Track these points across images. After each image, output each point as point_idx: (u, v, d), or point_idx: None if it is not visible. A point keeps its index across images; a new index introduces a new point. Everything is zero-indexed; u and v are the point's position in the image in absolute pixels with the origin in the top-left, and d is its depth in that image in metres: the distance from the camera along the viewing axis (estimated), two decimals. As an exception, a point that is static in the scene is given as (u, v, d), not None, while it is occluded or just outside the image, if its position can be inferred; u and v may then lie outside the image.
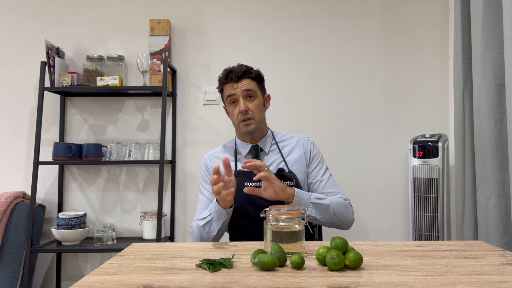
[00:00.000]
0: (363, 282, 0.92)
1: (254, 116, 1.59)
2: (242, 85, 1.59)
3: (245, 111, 1.57)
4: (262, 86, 1.67)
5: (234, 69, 1.62)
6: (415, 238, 2.19)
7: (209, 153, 1.75)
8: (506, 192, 1.76)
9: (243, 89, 1.58)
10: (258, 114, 1.61)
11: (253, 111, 1.59)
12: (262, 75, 1.67)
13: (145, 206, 2.47)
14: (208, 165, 1.70)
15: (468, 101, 2.01)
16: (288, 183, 1.56)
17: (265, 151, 1.66)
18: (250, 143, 1.66)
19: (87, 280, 0.95)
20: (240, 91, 1.58)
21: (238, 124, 1.61)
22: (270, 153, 1.66)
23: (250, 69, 1.62)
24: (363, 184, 2.42)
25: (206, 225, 1.49)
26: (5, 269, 2.19)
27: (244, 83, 1.59)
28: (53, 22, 2.50)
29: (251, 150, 1.65)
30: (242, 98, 1.58)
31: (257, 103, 1.61)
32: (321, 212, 1.48)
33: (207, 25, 2.49)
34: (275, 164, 1.63)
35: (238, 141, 1.70)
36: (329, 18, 2.47)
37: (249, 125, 1.59)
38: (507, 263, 1.06)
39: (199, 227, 1.51)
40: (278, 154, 1.65)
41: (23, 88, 2.49)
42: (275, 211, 1.15)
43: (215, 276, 0.97)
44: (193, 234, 1.56)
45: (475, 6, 1.89)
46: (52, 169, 2.47)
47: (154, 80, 2.32)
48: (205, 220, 1.49)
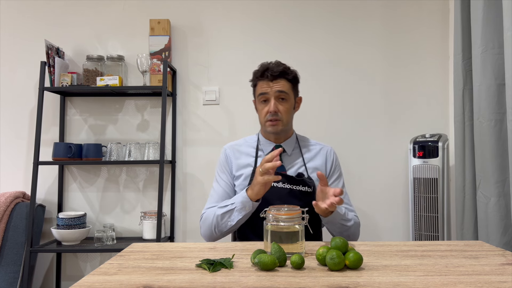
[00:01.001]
0: (363, 282, 0.92)
1: (282, 118, 1.58)
2: (277, 86, 1.57)
3: (274, 112, 1.56)
4: (296, 88, 1.66)
5: (271, 67, 1.58)
6: (415, 238, 2.19)
7: (229, 144, 1.73)
8: (506, 192, 1.76)
9: (277, 90, 1.56)
10: (287, 117, 1.60)
11: (282, 113, 1.58)
12: (298, 77, 1.65)
13: (145, 206, 2.47)
14: (228, 156, 1.67)
15: (468, 101, 2.01)
16: (306, 189, 1.55)
17: (287, 153, 1.65)
18: (274, 142, 1.65)
19: (87, 280, 0.95)
20: (274, 91, 1.56)
21: (265, 122, 1.60)
22: (292, 156, 1.65)
23: (288, 70, 1.60)
24: (363, 184, 2.42)
25: (226, 214, 1.46)
26: (5, 269, 2.19)
27: (279, 84, 1.57)
28: (53, 22, 2.50)
29: (273, 149, 1.63)
30: (274, 98, 1.57)
31: (288, 105, 1.60)
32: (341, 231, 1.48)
33: (207, 25, 2.49)
34: (295, 167, 1.62)
35: (262, 138, 1.68)
36: (329, 18, 2.47)
37: (276, 126, 1.58)
38: (507, 263, 1.06)
39: (216, 215, 1.48)
40: (300, 158, 1.65)
41: (23, 88, 2.49)
42: (275, 211, 1.15)
43: (215, 276, 0.97)
44: (206, 221, 1.52)
45: (475, 6, 1.89)
46: (52, 169, 2.47)
47: (154, 80, 2.32)
48: (226, 208, 1.47)
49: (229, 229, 1.49)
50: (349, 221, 1.50)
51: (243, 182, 1.60)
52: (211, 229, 1.50)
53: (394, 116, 2.44)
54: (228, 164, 1.66)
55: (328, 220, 1.43)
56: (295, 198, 1.53)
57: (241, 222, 1.48)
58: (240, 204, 1.44)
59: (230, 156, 1.67)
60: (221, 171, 1.66)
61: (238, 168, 1.63)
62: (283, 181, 1.54)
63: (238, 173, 1.63)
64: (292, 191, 1.54)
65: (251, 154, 1.65)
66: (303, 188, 1.55)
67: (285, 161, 1.63)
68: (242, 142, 1.72)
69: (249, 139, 1.73)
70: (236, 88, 2.46)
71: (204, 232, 1.54)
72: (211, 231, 1.51)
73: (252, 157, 1.64)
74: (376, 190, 2.43)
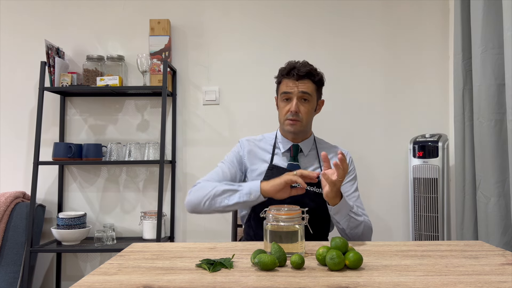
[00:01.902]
0: (363, 282, 0.92)
1: (302, 119, 1.57)
2: (301, 86, 1.55)
3: (295, 112, 1.55)
4: (320, 91, 1.65)
5: (298, 66, 1.57)
6: (415, 238, 2.19)
7: (248, 137, 1.71)
8: (506, 192, 1.76)
9: (301, 91, 1.55)
10: (307, 118, 1.59)
11: (303, 114, 1.57)
12: (323, 80, 1.64)
13: (145, 206, 2.47)
14: (244, 146, 1.65)
15: (468, 101, 2.02)
16: (320, 190, 1.53)
17: (303, 153, 1.64)
18: (291, 141, 1.64)
19: (87, 280, 0.95)
20: (297, 91, 1.55)
21: (284, 121, 1.59)
22: (308, 156, 1.64)
23: (314, 71, 1.59)
24: (363, 184, 2.41)
25: (227, 191, 1.44)
26: (5, 269, 2.19)
27: (303, 84, 1.56)
28: (53, 22, 2.50)
29: (290, 148, 1.63)
30: (296, 98, 1.55)
31: (310, 107, 1.59)
32: (351, 227, 1.45)
33: (207, 25, 2.49)
34: (311, 168, 1.61)
35: (280, 135, 1.67)
36: (329, 18, 2.47)
37: (294, 126, 1.57)
38: (507, 263, 1.06)
39: (216, 189, 1.45)
40: (316, 160, 1.64)
41: (23, 88, 2.49)
42: (275, 211, 1.15)
43: (215, 276, 0.97)
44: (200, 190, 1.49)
45: (475, 6, 1.89)
46: (52, 169, 2.47)
47: (154, 80, 2.32)
48: (232, 187, 1.44)
49: (218, 208, 1.45)
50: (360, 216, 1.47)
51: (257, 177, 1.59)
52: (202, 199, 1.46)
53: (394, 116, 2.44)
54: (241, 154, 1.64)
55: (337, 209, 1.39)
56: (308, 199, 1.51)
57: (237, 207, 1.46)
58: (247, 188, 1.42)
59: (245, 147, 1.65)
60: (231, 155, 1.65)
61: (253, 161, 1.62)
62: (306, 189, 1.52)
63: (253, 166, 1.61)
64: (307, 191, 1.51)
65: (268, 150, 1.64)
66: (317, 189, 1.54)
67: (301, 161, 1.62)
68: (260, 138, 1.71)
69: (267, 136, 1.71)
70: (236, 88, 2.46)
71: (191, 200, 1.50)
72: (200, 200, 1.47)
73: (269, 154, 1.63)
74: (376, 190, 2.43)
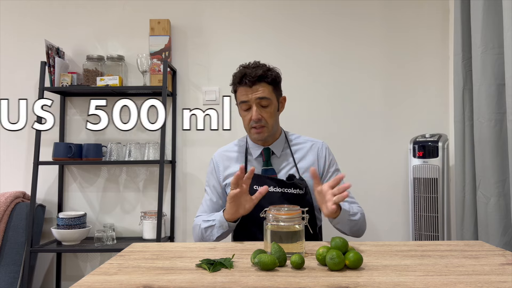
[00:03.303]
0: (363, 282, 0.92)
1: (267, 124, 1.55)
2: (256, 92, 1.51)
3: (258, 120, 1.52)
4: (278, 89, 1.60)
5: (248, 72, 1.52)
6: (415, 238, 2.19)
7: (219, 150, 1.71)
8: (506, 192, 1.76)
9: (257, 97, 1.51)
10: (271, 121, 1.56)
11: (267, 119, 1.54)
12: (278, 79, 1.59)
13: (145, 206, 2.47)
14: (216, 164, 1.66)
15: (468, 101, 2.01)
16: (298, 191, 1.52)
17: (276, 155, 1.61)
18: (262, 146, 1.62)
19: (87, 280, 0.95)
20: (254, 98, 1.51)
21: (250, 129, 1.57)
22: (282, 157, 1.62)
23: (266, 72, 1.53)
24: (363, 184, 2.42)
25: (208, 229, 1.49)
26: (5, 269, 2.19)
27: (258, 90, 1.51)
28: (53, 22, 2.50)
29: (262, 153, 1.61)
30: (255, 105, 1.52)
31: (271, 110, 1.55)
32: (351, 227, 1.46)
33: (207, 25, 2.49)
34: (286, 169, 1.59)
35: (250, 141, 1.65)
36: (329, 19, 2.47)
37: (261, 133, 1.55)
38: (507, 263, 1.06)
39: (201, 228, 1.51)
40: (290, 159, 1.62)
41: (23, 88, 2.49)
42: (275, 211, 1.15)
43: (215, 276, 0.97)
44: (194, 232, 1.56)
45: (475, 6, 1.89)
46: (52, 169, 2.47)
47: (154, 80, 2.32)
48: (208, 223, 1.49)
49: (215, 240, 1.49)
50: (356, 214, 1.47)
51: None
52: (200, 238, 1.53)
53: (394, 116, 2.44)
54: (216, 173, 1.65)
55: (337, 221, 1.39)
56: (287, 201, 1.51)
57: (224, 237, 1.49)
58: (218, 222, 1.45)
59: (218, 164, 1.66)
60: (209, 180, 1.67)
61: (228, 176, 1.62)
62: (274, 185, 1.52)
63: (227, 181, 1.62)
64: (284, 194, 1.52)
65: (241, 160, 1.63)
66: (294, 191, 1.52)
67: (275, 163, 1.60)
68: (231, 147, 1.70)
69: (240, 142, 1.70)
70: (236, 88, 2.46)
71: (195, 239, 1.58)
72: (199, 239, 1.54)
73: (242, 162, 1.62)
74: (376, 190, 2.43)
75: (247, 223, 1.58)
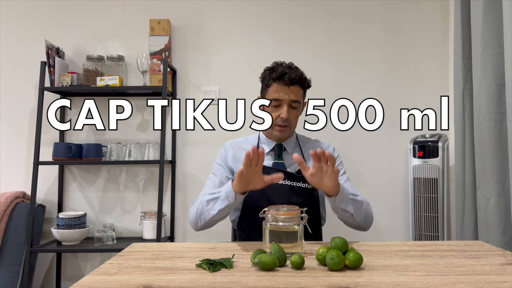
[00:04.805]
0: (363, 282, 0.92)
1: (291, 125, 1.60)
2: (292, 93, 1.56)
3: (286, 119, 1.57)
4: (305, 94, 1.66)
5: (289, 72, 1.56)
6: (415, 238, 2.19)
7: (231, 140, 1.74)
8: (506, 192, 1.76)
9: (292, 99, 1.56)
10: (295, 123, 1.63)
11: (292, 120, 1.59)
12: (311, 85, 1.66)
13: (145, 206, 2.47)
14: (227, 150, 1.67)
15: (468, 101, 2.02)
16: (306, 185, 1.55)
17: (287, 151, 1.66)
18: (275, 141, 1.66)
19: (87, 280, 0.95)
20: (289, 99, 1.55)
21: (274, 126, 1.60)
22: (292, 154, 1.63)
23: (304, 77, 1.60)
24: (363, 184, 2.42)
25: (211, 201, 1.43)
26: (5, 269, 2.19)
27: (294, 91, 1.56)
28: (53, 22, 2.50)
29: (274, 148, 1.65)
30: (287, 105, 1.56)
31: (298, 113, 1.62)
32: (356, 209, 1.44)
33: (207, 25, 2.49)
34: (295, 165, 1.62)
35: (263, 136, 1.70)
36: (329, 19, 2.47)
37: (284, 132, 1.60)
38: (507, 263, 1.06)
39: (203, 202, 1.46)
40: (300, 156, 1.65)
41: (23, 88, 2.49)
42: (274, 211, 1.15)
43: (215, 276, 0.97)
44: (193, 207, 1.51)
45: (475, 6, 1.89)
46: (52, 169, 2.47)
47: (154, 80, 2.32)
48: (213, 195, 1.43)
49: (211, 219, 1.44)
50: (357, 195, 1.47)
51: None
52: (197, 215, 1.47)
53: (394, 116, 2.44)
54: (226, 159, 1.66)
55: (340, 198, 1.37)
56: (295, 195, 1.54)
57: (224, 214, 1.43)
58: (224, 193, 1.40)
59: (229, 151, 1.68)
60: (218, 164, 1.67)
61: (238, 164, 1.62)
62: (284, 178, 1.53)
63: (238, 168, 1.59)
64: (293, 187, 1.55)
65: None
66: (303, 184, 1.55)
67: (286, 159, 1.65)
68: (243, 140, 1.74)
69: (250, 138, 1.74)
70: (236, 88, 2.46)
71: (191, 218, 1.51)
72: (196, 217, 1.48)
73: None
74: (376, 190, 2.43)
75: (246, 226, 1.60)
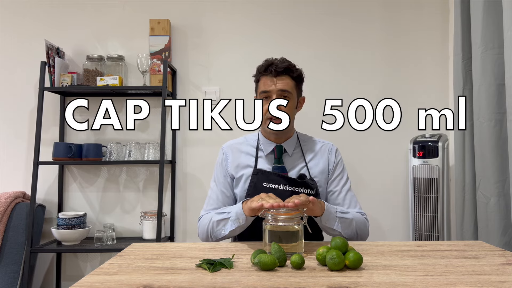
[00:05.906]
0: (363, 282, 0.92)
1: (285, 117, 1.53)
2: (280, 84, 1.51)
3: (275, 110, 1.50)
4: (300, 87, 1.60)
5: (276, 62, 1.52)
6: (415, 238, 2.19)
7: (228, 142, 1.68)
8: (506, 192, 1.76)
9: (279, 89, 1.51)
10: (292, 115, 1.56)
11: (287, 112, 1.52)
12: (303, 76, 1.59)
13: (145, 206, 2.47)
14: (226, 155, 1.62)
15: (468, 101, 2.02)
16: (308, 191, 1.51)
17: (288, 153, 1.60)
18: (274, 142, 1.60)
19: (87, 280, 0.95)
20: (276, 90, 1.51)
21: (265, 120, 1.55)
22: (293, 156, 1.60)
23: (293, 67, 1.54)
24: (363, 184, 2.42)
25: (221, 222, 1.42)
26: (5, 269, 2.19)
27: (282, 81, 1.51)
28: (53, 22, 2.50)
29: (274, 150, 1.59)
30: (275, 96, 1.51)
31: (290, 104, 1.54)
32: (344, 227, 1.43)
33: (207, 25, 2.49)
34: (297, 168, 1.57)
35: (262, 137, 1.63)
36: (329, 19, 2.47)
37: (277, 124, 1.52)
38: (507, 263, 1.06)
39: (212, 221, 1.44)
40: (301, 158, 1.60)
41: (23, 88, 2.49)
42: (274, 211, 1.15)
43: (215, 276, 0.97)
44: (202, 225, 1.49)
45: (475, 6, 1.89)
46: (52, 169, 2.47)
47: (154, 80, 2.32)
48: (222, 216, 1.42)
49: (223, 237, 1.45)
50: (347, 213, 1.45)
51: (243, 185, 1.55)
52: (207, 233, 1.47)
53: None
54: (225, 164, 1.62)
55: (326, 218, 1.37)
56: None
57: (236, 233, 1.43)
58: (234, 214, 1.39)
59: (228, 155, 1.62)
60: (218, 171, 1.62)
61: (238, 169, 1.59)
62: (284, 183, 1.50)
63: (238, 174, 1.58)
64: (295, 193, 1.49)
65: (251, 154, 1.60)
66: (305, 190, 1.50)
67: (286, 161, 1.59)
68: (242, 141, 1.67)
69: (249, 138, 1.68)
70: (236, 88, 2.46)
71: (201, 235, 1.52)
72: (207, 235, 1.48)
73: (253, 157, 1.59)
74: (376, 190, 2.43)
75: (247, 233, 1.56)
